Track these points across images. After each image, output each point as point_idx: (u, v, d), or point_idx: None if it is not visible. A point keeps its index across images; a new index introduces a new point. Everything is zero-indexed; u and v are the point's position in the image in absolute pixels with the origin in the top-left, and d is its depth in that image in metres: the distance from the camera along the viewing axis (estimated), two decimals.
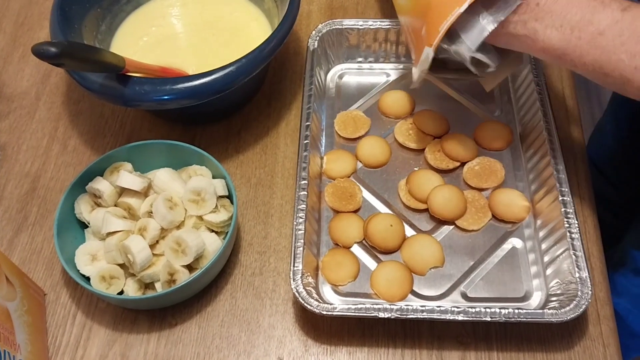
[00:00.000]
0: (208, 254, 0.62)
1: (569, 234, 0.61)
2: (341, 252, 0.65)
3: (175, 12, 0.82)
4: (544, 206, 0.66)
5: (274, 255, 0.68)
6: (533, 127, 0.71)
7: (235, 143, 0.76)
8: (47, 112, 0.80)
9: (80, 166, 0.75)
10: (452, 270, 0.64)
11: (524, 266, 0.64)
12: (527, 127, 0.72)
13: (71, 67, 0.62)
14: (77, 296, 0.66)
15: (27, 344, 0.58)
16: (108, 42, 0.78)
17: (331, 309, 0.58)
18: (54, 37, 0.68)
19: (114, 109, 0.80)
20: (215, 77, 0.63)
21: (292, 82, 0.81)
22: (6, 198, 0.73)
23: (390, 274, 0.63)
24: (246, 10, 0.81)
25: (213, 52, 0.77)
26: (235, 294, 0.65)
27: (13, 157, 0.76)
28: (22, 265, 0.68)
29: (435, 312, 0.58)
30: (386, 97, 0.77)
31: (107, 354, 0.62)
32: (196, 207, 0.64)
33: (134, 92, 0.63)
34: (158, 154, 0.69)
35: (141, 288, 0.63)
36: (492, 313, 0.57)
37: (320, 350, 0.62)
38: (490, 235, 0.67)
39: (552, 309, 0.58)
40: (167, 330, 0.64)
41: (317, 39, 0.78)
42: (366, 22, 0.78)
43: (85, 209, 0.65)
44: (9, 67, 0.85)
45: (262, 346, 0.62)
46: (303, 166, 0.67)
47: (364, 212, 0.69)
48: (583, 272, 0.59)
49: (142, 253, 0.60)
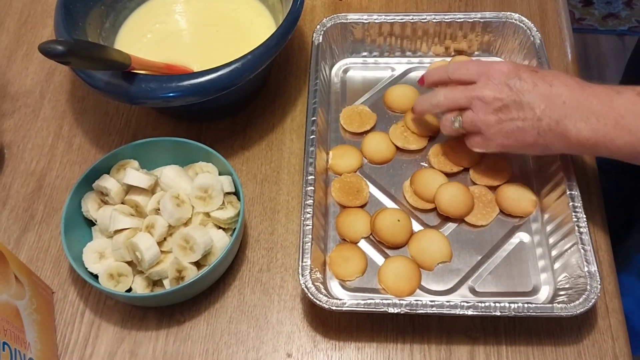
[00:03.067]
0: (216, 251, 0.62)
1: (577, 228, 0.61)
2: (348, 248, 0.65)
3: (179, 9, 0.82)
4: (552, 200, 0.66)
5: (281, 251, 0.68)
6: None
7: (241, 140, 0.76)
8: (51, 110, 0.80)
9: (86, 164, 0.75)
10: (460, 265, 0.64)
11: (531, 260, 0.64)
12: None
13: (77, 65, 0.62)
14: (85, 294, 0.66)
15: (37, 342, 0.58)
16: (112, 40, 0.78)
17: (340, 304, 0.58)
18: (58, 35, 0.67)
19: (119, 106, 0.80)
20: (221, 74, 0.63)
21: (297, 78, 0.81)
22: (12, 197, 0.73)
23: (398, 269, 0.63)
24: (250, 6, 0.80)
25: (217, 49, 0.77)
26: (243, 291, 0.65)
27: (18, 155, 0.76)
28: (30, 264, 0.68)
29: (445, 307, 0.58)
30: (391, 92, 0.77)
31: (115, 352, 0.62)
32: (203, 204, 0.64)
33: (140, 89, 0.63)
34: (164, 151, 0.69)
35: (149, 285, 0.63)
36: (501, 307, 0.57)
37: (329, 345, 0.62)
38: (497, 229, 0.67)
39: (561, 303, 0.58)
40: (175, 327, 0.64)
41: (322, 33, 0.77)
42: (371, 16, 0.78)
43: (92, 207, 0.65)
44: (13, 66, 0.84)
45: (270, 342, 0.62)
46: (310, 161, 0.67)
47: (370, 207, 0.69)
48: (592, 266, 0.59)
49: (150, 250, 0.60)
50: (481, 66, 0.63)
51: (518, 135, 0.60)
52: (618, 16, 2.02)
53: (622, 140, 0.54)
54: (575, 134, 0.56)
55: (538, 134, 0.58)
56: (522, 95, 0.58)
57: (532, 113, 0.58)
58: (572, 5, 2.05)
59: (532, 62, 0.74)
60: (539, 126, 0.58)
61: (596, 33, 2.00)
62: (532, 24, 0.76)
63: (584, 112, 0.55)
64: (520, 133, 0.59)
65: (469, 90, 0.62)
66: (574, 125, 0.56)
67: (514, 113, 0.59)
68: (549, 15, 0.85)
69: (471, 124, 0.62)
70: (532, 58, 0.74)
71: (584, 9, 2.05)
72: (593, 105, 0.55)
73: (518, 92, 0.59)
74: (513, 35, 0.77)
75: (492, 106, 0.60)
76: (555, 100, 0.57)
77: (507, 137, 0.60)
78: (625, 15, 2.02)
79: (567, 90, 0.57)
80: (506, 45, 0.79)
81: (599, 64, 1.93)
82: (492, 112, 0.60)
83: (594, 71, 1.91)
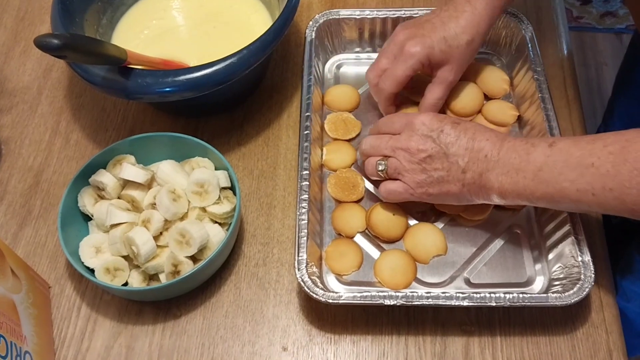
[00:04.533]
0: (212, 245, 0.63)
1: (570, 218, 0.62)
2: (344, 242, 0.66)
3: (176, 5, 0.82)
4: None
5: (277, 246, 0.68)
6: (534, 123, 0.71)
7: (238, 135, 0.76)
8: (49, 106, 0.80)
9: (83, 160, 0.75)
10: (455, 258, 0.65)
11: (525, 252, 0.65)
12: (528, 122, 0.73)
13: (73, 59, 0.62)
14: (82, 289, 0.66)
15: (34, 336, 0.58)
16: (109, 36, 0.78)
17: (337, 297, 0.58)
18: (56, 30, 0.68)
19: (116, 102, 0.80)
20: (217, 69, 0.63)
21: (294, 74, 0.81)
22: (10, 192, 0.73)
23: (393, 263, 0.63)
24: (247, 2, 0.81)
25: (214, 45, 0.77)
26: (239, 285, 0.66)
27: (16, 151, 0.77)
28: (27, 259, 0.68)
29: (441, 299, 0.58)
30: (331, 92, 0.77)
31: (112, 346, 0.63)
32: (199, 198, 0.64)
33: (136, 84, 0.63)
34: (161, 146, 0.69)
35: (145, 279, 0.63)
36: (496, 298, 0.58)
37: (325, 339, 0.62)
38: (491, 222, 0.67)
39: (556, 292, 0.58)
40: (171, 322, 0.64)
41: (315, 29, 0.78)
42: (363, 11, 0.79)
43: (89, 202, 0.66)
44: (10, 62, 0.85)
45: (266, 336, 0.63)
46: (304, 157, 0.67)
47: (366, 202, 0.69)
48: (585, 255, 0.59)
49: (146, 245, 0.61)
50: (405, 118, 0.63)
51: (443, 185, 0.60)
52: (615, 14, 2.03)
53: (541, 192, 0.55)
54: (498, 187, 0.58)
55: (463, 185, 0.60)
56: (447, 147, 0.60)
57: (456, 165, 0.59)
58: (570, 4, 2.06)
59: (523, 56, 0.75)
60: (463, 178, 0.59)
61: (594, 31, 2.00)
62: (524, 17, 0.76)
63: (504, 166, 0.57)
64: (445, 183, 0.60)
65: (393, 140, 0.63)
66: (496, 179, 0.58)
67: (438, 164, 0.60)
68: (544, 12, 0.85)
69: (395, 171, 0.63)
70: (524, 51, 0.74)
71: (582, 7, 2.05)
72: (512, 159, 0.57)
73: (442, 144, 0.60)
74: (505, 29, 0.78)
75: (416, 157, 0.61)
76: (477, 154, 0.59)
77: (431, 185, 0.61)
78: (623, 13, 2.02)
79: (489, 144, 0.58)
80: (498, 38, 0.79)
81: (596, 63, 1.93)
82: (417, 162, 0.61)
83: (591, 70, 1.92)
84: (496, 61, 0.79)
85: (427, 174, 0.61)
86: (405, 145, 0.61)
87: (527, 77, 0.73)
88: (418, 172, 0.61)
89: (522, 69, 0.75)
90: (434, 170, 0.60)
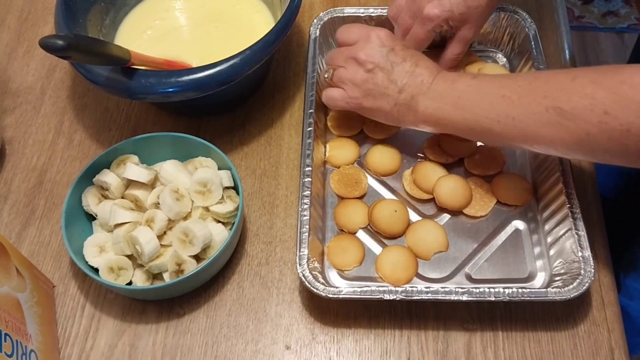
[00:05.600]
0: (215, 244, 0.63)
1: (570, 213, 0.62)
2: (346, 238, 0.66)
3: (179, 5, 0.82)
4: (546, 188, 0.67)
5: (280, 245, 0.68)
6: None
7: (240, 135, 0.77)
8: (52, 106, 0.81)
9: (86, 160, 0.75)
10: (457, 253, 0.65)
11: (527, 247, 0.65)
12: None
13: (77, 60, 0.62)
14: (86, 288, 0.67)
15: (38, 335, 0.58)
16: (112, 36, 0.78)
17: (337, 292, 0.59)
18: (59, 31, 0.68)
19: (119, 102, 0.80)
20: (220, 69, 0.63)
21: (296, 74, 0.82)
22: (13, 192, 0.74)
23: (395, 258, 0.63)
24: (249, 2, 0.81)
25: (216, 45, 0.77)
26: (242, 284, 0.66)
27: (19, 151, 0.77)
28: (31, 258, 0.69)
29: (440, 293, 0.58)
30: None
31: (116, 344, 0.63)
32: (202, 198, 0.64)
33: (139, 84, 0.63)
34: (164, 146, 0.69)
35: (149, 278, 0.64)
36: (496, 293, 0.58)
37: (327, 338, 0.62)
38: (493, 218, 0.67)
39: (556, 287, 0.58)
40: (175, 320, 0.64)
41: (319, 27, 0.78)
42: (367, 9, 0.79)
43: (93, 202, 0.66)
44: (14, 63, 0.85)
45: (269, 335, 0.63)
46: (307, 153, 0.67)
47: (368, 198, 0.69)
48: (586, 250, 0.60)
49: (150, 244, 0.61)
50: (364, 30, 0.67)
51: (377, 100, 0.64)
52: (617, 14, 2.03)
53: (458, 118, 0.60)
54: (422, 110, 0.62)
55: (395, 104, 0.63)
56: (392, 65, 0.63)
57: (394, 84, 0.63)
58: (572, 3, 2.06)
59: (527, 53, 0.75)
60: (397, 97, 0.63)
61: (595, 31, 2.00)
62: (527, 15, 0.77)
63: (433, 92, 0.62)
64: (380, 98, 0.64)
65: (347, 50, 0.67)
66: (423, 103, 0.62)
67: (379, 78, 0.64)
68: (546, 12, 0.85)
69: (339, 79, 0.66)
70: (527, 49, 0.75)
71: (584, 6, 2.05)
72: (440, 87, 0.62)
73: (389, 61, 0.64)
74: (508, 26, 0.78)
75: (364, 67, 0.64)
76: (415, 78, 0.63)
77: (366, 97, 0.64)
78: (625, 12, 2.02)
79: (427, 71, 0.63)
80: (501, 36, 0.79)
81: (598, 62, 1.93)
82: (363, 71, 0.64)
83: None
84: (499, 58, 0.80)
85: (366, 86, 0.64)
86: (355, 54, 0.65)
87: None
88: (359, 82, 0.64)
89: (525, 66, 0.75)
90: (374, 85, 0.64)
